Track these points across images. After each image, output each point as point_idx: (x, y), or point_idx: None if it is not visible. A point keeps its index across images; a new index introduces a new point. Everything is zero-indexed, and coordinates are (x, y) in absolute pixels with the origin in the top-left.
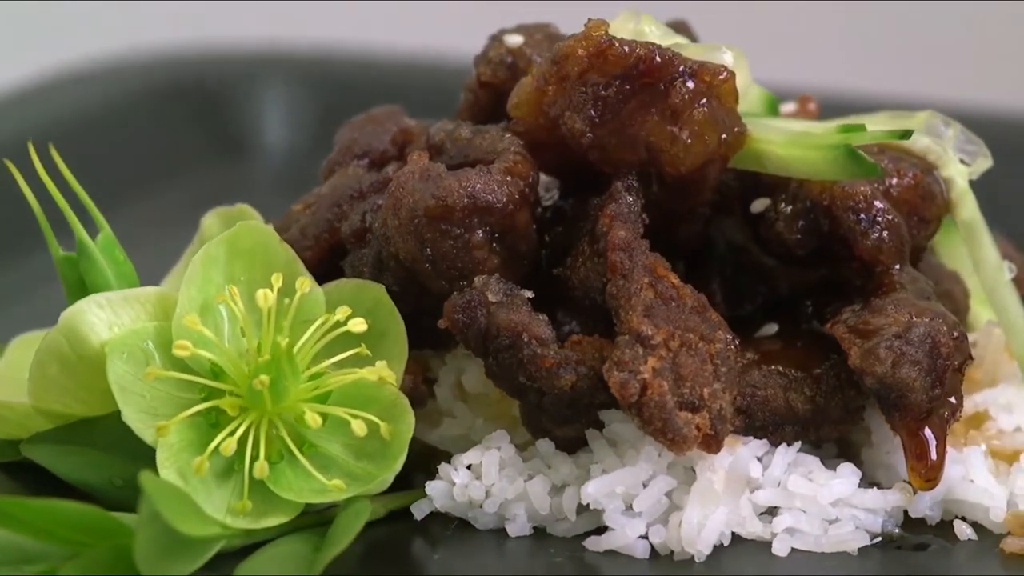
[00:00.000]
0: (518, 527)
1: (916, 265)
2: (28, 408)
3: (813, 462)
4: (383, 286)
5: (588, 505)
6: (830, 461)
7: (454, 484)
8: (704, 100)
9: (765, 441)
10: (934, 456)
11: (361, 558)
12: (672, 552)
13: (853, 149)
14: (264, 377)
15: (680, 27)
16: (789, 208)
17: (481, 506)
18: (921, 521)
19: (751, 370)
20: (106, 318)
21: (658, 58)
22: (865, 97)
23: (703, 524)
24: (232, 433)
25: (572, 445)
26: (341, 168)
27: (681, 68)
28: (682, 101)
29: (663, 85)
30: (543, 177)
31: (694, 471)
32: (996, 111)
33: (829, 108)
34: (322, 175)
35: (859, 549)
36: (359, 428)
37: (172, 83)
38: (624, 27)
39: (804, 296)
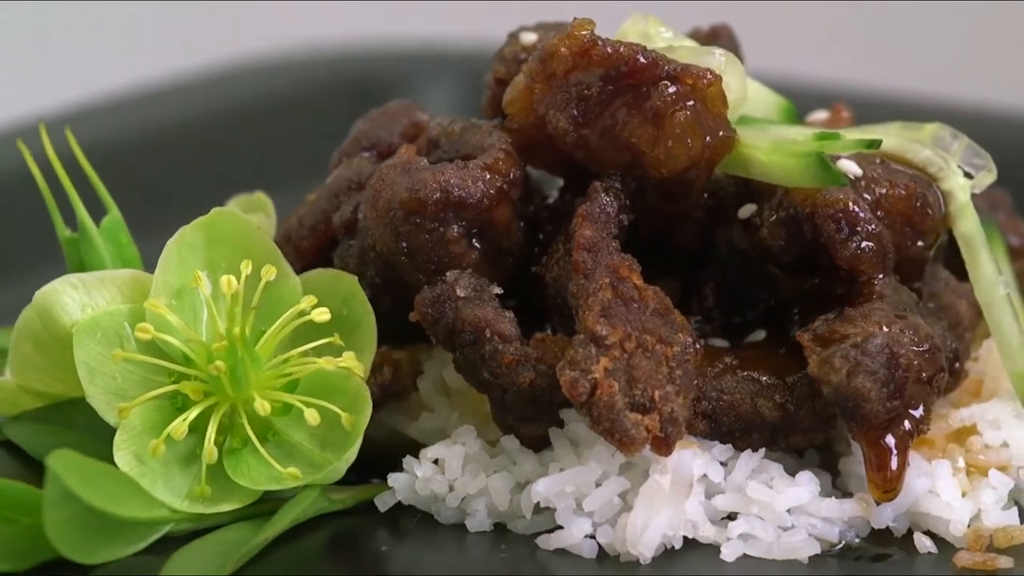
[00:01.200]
0: (477, 522)
1: (918, 277)
2: (14, 386)
3: (776, 469)
4: (356, 277)
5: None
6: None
7: (417, 477)
8: (689, 103)
9: (730, 446)
10: (893, 467)
11: (323, 548)
12: (619, 553)
13: (823, 157)
14: (220, 363)
15: (721, 32)
16: (773, 215)
17: (443, 500)
18: (888, 533)
19: (725, 375)
20: (79, 299)
21: (641, 59)
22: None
23: (646, 526)
24: (187, 418)
25: (538, 443)
26: (348, 159)
27: (665, 70)
28: (664, 103)
29: (646, 87)
30: (549, 176)
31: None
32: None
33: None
34: (332, 166)
35: (814, 558)
36: (312, 417)
37: (344, 77)
38: (633, 29)
39: (792, 303)
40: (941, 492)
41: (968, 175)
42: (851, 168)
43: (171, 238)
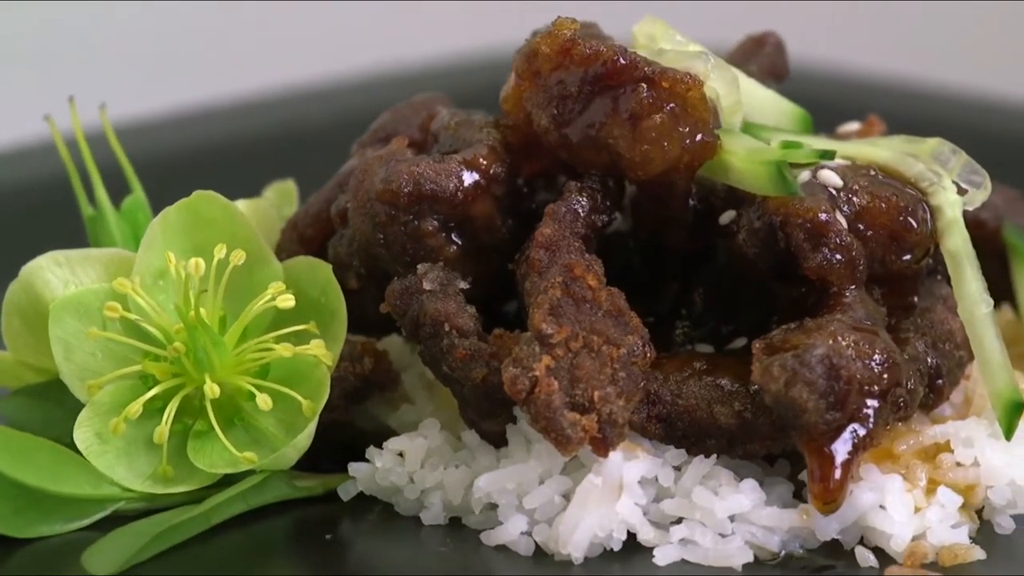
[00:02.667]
0: (432, 515)
1: (912, 291)
2: (12, 360)
3: (726, 476)
4: (330, 265)
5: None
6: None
7: (377, 468)
8: (667, 107)
9: (684, 451)
10: (836, 479)
11: (278, 533)
12: (554, 553)
13: (779, 166)
14: (179, 344)
15: (766, 39)
16: (749, 222)
17: (402, 492)
18: (838, 545)
19: (689, 380)
20: (63, 275)
21: (621, 60)
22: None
23: (576, 526)
24: (145, 398)
25: (498, 439)
26: (362, 150)
27: (644, 72)
28: (640, 106)
29: (624, 88)
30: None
31: None
32: None
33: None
34: (350, 156)
35: (750, 566)
36: (263, 402)
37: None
38: (642, 31)
39: (776, 312)
40: (888, 507)
41: (961, 192)
42: (831, 179)
43: (155, 218)
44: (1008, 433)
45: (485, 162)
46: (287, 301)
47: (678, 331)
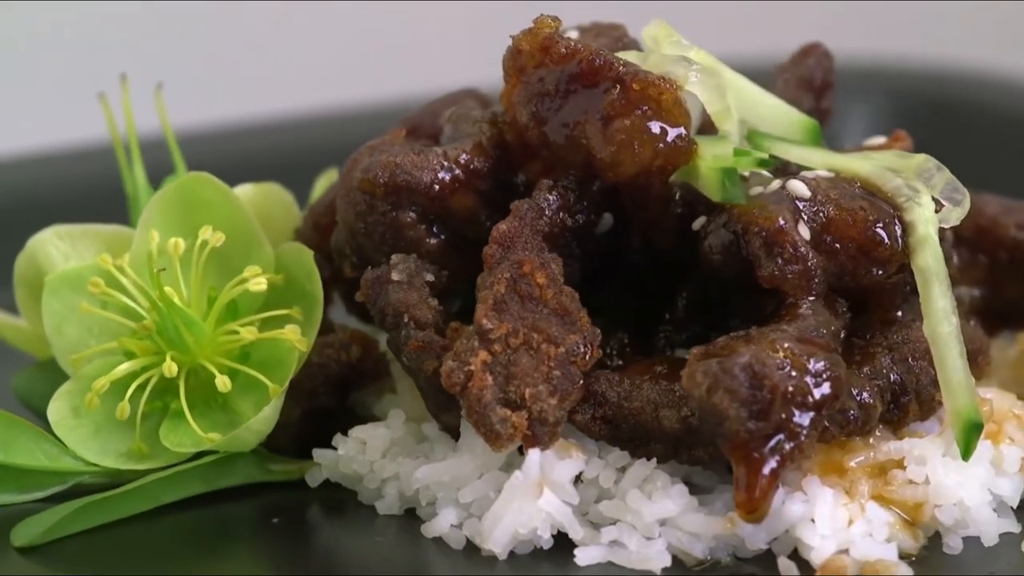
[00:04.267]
0: (386, 505)
1: (890, 306)
2: (29, 330)
3: (664, 480)
4: (312, 252)
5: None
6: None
7: (340, 455)
8: (641, 109)
9: (627, 453)
10: (760, 488)
11: (237, 514)
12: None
13: (725, 173)
14: (148, 322)
15: (811, 50)
16: (716, 228)
17: (363, 480)
18: (771, 555)
19: (644, 383)
20: (64, 249)
21: (598, 61)
22: None
23: (498, 522)
24: (115, 376)
25: (457, 431)
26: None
27: (617, 74)
28: (611, 107)
29: (599, 89)
30: None
31: None
32: None
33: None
34: None
35: (673, 571)
36: (222, 384)
37: None
38: (648, 33)
39: (759, 318)
40: (817, 519)
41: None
42: (799, 190)
43: (153, 196)
44: (966, 453)
45: (466, 156)
46: (259, 285)
47: (660, 335)
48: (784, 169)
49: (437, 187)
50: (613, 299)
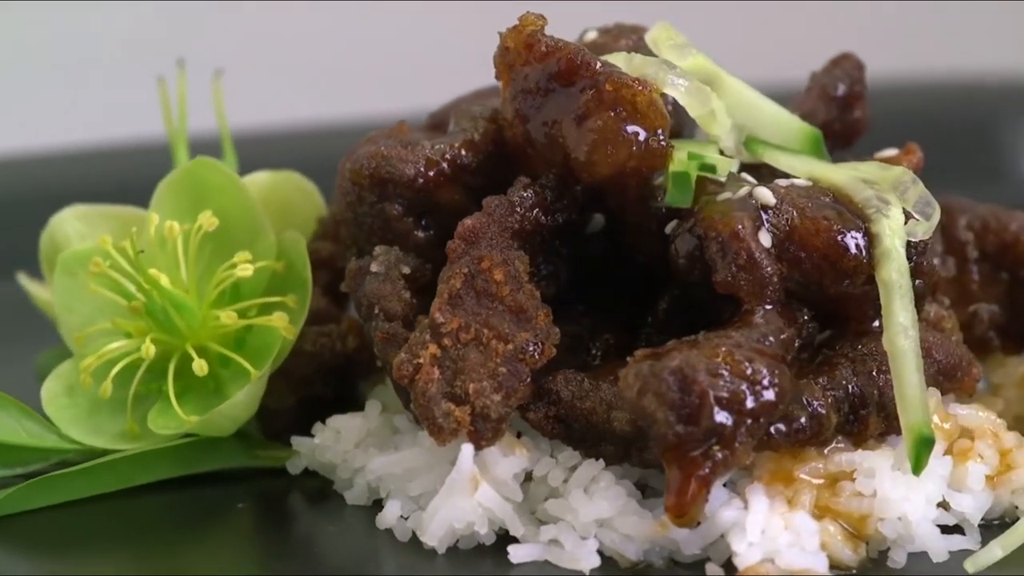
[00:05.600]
0: (354, 495)
1: (862, 318)
2: None
3: (608, 481)
4: (303, 239)
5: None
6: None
7: (316, 444)
8: (615, 110)
9: (577, 453)
10: (690, 493)
11: (212, 500)
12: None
13: (672, 177)
14: (136, 303)
15: (841, 61)
16: (682, 232)
17: (336, 469)
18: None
19: (604, 384)
20: (80, 229)
21: (576, 60)
22: None
23: (434, 515)
24: (105, 357)
25: None
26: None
27: (594, 75)
28: (587, 107)
29: (578, 88)
30: None
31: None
32: None
33: None
34: None
35: (599, 571)
36: (198, 368)
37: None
38: (650, 36)
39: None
40: (747, 526)
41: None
42: (764, 197)
43: (163, 179)
44: (916, 468)
45: (453, 151)
46: (246, 271)
47: (642, 338)
48: (770, 176)
49: (421, 180)
50: (602, 299)
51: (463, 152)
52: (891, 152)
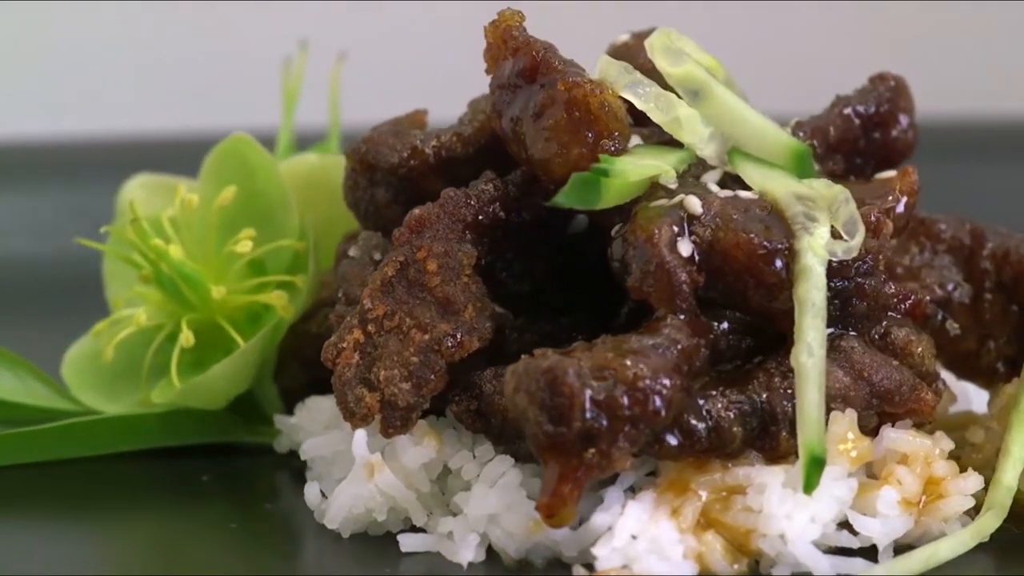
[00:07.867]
0: (314, 475)
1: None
2: None
3: (511, 478)
4: (311, 225)
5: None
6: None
7: (291, 424)
8: (569, 111)
9: (491, 447)
10: (560, 494)
11: (192, 468)
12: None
13: (573, 180)
14: (146, 273)
15: (878, 80)
16: (617, 236)
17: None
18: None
19: None
20: (141, 197)
21: (539, 57)
22: None
23: (335, 499)
24: (116, 320)
25: None
26: None
27: (551, 73)
28: (541, 106)
29: (538, 86)
30: None
31: None
32: None
33: None
34: None
35: (482, 567)
36: (185, 340)
37: None
38: (651, 41)
39: None
40: (615, 531)
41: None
42: (692, 207)
43: (208, 154)
44: (807, 487)
45: (441, 142)
46: (244, 247)
47: None
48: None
49: (403, 169)
50: (587, 300)
51: (452, 143)
52: (890, 173)
